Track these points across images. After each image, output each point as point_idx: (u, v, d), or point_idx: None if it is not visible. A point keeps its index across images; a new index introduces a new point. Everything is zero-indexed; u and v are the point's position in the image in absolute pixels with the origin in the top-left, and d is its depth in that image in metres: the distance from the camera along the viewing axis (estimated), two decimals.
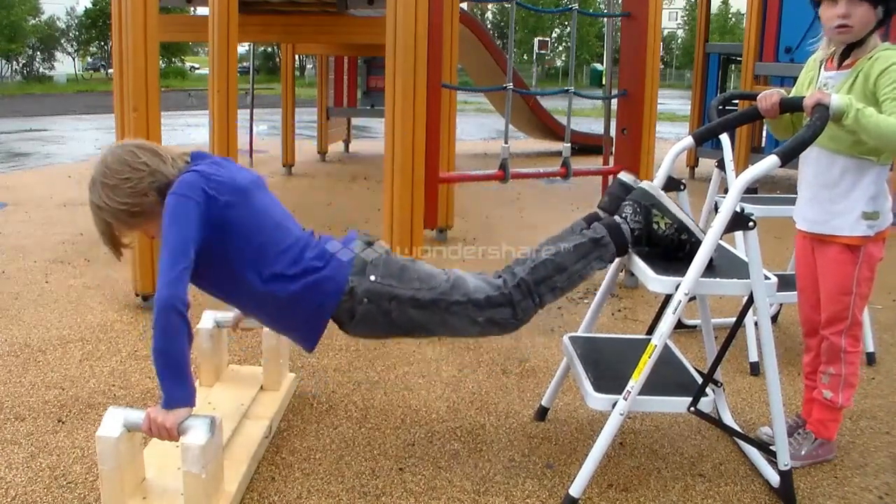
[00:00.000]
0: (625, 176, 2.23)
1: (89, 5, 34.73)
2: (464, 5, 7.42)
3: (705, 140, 2.43)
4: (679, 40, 50.32)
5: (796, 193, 2.30)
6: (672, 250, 2.07)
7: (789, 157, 1.90)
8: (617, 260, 2.34)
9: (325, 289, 1.97)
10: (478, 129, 14.54)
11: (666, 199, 2.09)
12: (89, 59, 37.28)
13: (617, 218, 2.11)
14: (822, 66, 2.17)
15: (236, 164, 2.15)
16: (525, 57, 43.15)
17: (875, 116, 1.90)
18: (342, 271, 1.98)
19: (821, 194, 2.16)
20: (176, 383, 1.78)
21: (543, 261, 2.05)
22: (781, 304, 3.44)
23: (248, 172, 2.11)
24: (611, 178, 4.24)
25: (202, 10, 6.05)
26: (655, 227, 2.06)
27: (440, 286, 2.01)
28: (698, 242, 1.98)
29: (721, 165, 3.25)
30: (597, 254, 2.07)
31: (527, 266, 2.06)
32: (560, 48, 48.14)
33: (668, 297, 2.01)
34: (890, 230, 2.17)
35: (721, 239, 1.96)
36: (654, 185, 2.13)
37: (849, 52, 2.07)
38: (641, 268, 2.02)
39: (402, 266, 2.03)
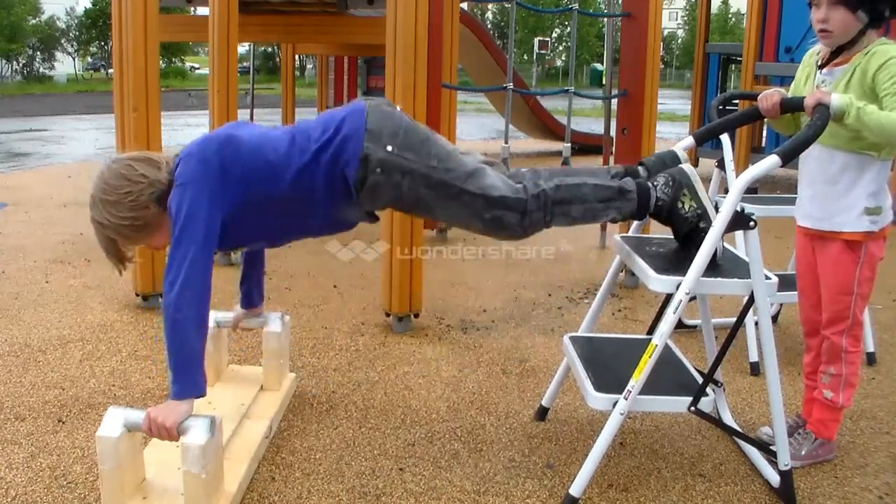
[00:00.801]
0: (681, 153, 2.20)
1: (89, 5, 34.72)
2: (464, 5, 7.42)
3: (706, 140, 2.43)
4: (679, 40, 50.30)
5: (796, 193, 2.30)
6: (685, 233, 2.07)
7: (790, 157, 1.90)
8: (617, 259, 2.35)
9: (343, 159, 1.91)
10: (478, 129, 14.54)
11: (699, 186, 2.08)
12: (89, 59, 37.29)
13: (649, 183, 2.10)
14: (818, 64, 2.17)
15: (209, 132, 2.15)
16: (525, 57, 43.14)
17: (876, 113, 1.90)
18: (357, 137, 1.92)
19: (822, 191, 2.16)
20: (194, 372, 1.79)
21: (569, 185, 2.02)
22: (781, 304, 3.44)
23: (226, 125, 2.12)
24: None
25: (202, 10, 6.05)
26: (680, 205, 2.06)
27: (457, 170, 1.96)
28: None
29: (721, 165, 3.25)
30: (618, 203, 2.06)
31: (553, 182, 2.02)
32: (560, 48, 48.14)
33: (669, 297, 2.01)
34: (890, 228, 2.17)
35: (721, 239, 1.96)
36: (694, 171, 2.12)
37: (838, 52, 2.08)
38: (642, 267, 2.02)
39: (423, 138, 1.97)
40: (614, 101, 4.25)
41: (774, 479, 2.10)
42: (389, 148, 1.91)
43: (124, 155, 2.02)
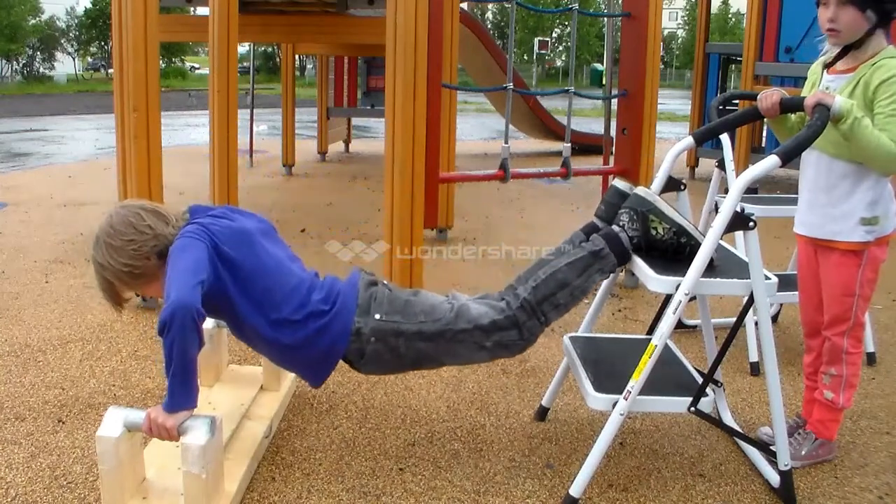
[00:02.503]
0: (619, 183, 2.22)
1: (89, 5, 34.73)
2: (464, 5, 7.42)
3: (705, 140, 2.43)
4: (679, 40, 50.30)
5: (797, 194, 2.30)
6: (672, 254, 2.07)
7: (789, 157, 1.90)
8: None
9: (332, 332, 1.98)
10: (478, 129, 14.54)
11: (662, 204, 2.08)
12: (89, 59, 37.30)
13: (615, 227, 2.11)
14: (825, 70, 2.17)
15: (238, 210, 2.18)
16: (525, 57, 43.15)
17: (869, 129, 1.91)
18: (348, 314, 1.99)
19: (819, 198, 2.15)
20: (184, 388, 1.78)
21: (545, 279, 2.06)
22: (781, 304, 3.44)
23: (251, 218, 2.14)
24: (611, 178, 4.24)
25: (202, 10, 6.05)
26: (654, 232, 2.06)
27: (444, 316, 2.02)
28: (698, 245, 1.98)
29: (721, 165, 3.25)
30: (598, 266, 2.08)
31: (528, 286, 2.06)
32: (560, 48, 48.15)
33: (669, 297, 2.01)
34: (894, 234, 2.16)
35: (721, 239, 1.96)
36: (648, 191, 2.11)
37: (845, 53, 2.07)
38: (642, 268, 2.02)
39: (405, 301, 2.04)
40: (614, 101, 4.24)
41: (774, 479, 2.10)
42: (378, 316, 1.99)
43: (136, 203, 2.06)
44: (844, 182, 2.09)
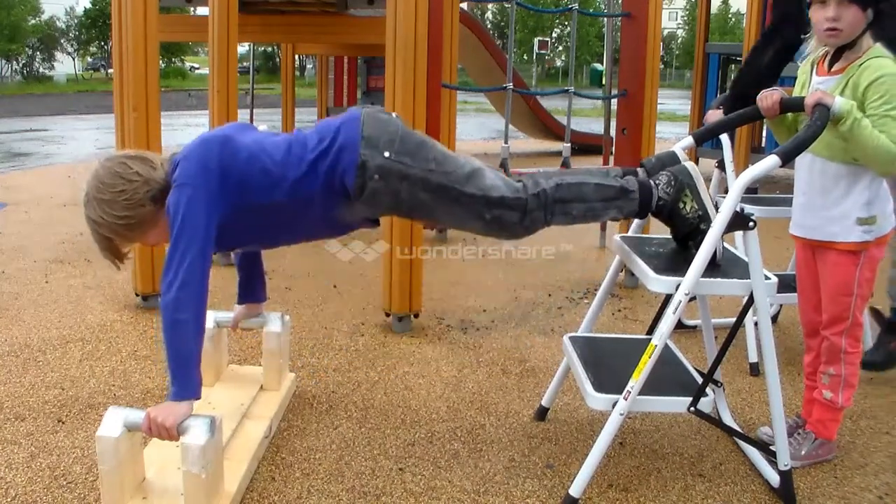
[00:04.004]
0: (680, 151, 2.19)
1: (89, 5, 34.73)
2: (464, 5, 7.42)
3: (705, 140, 2.43)
4: (679, 40, 50.29)
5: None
6: (685, 234, 2.06)
7: (789, 157, 1.90)
8: (617, 259, 2.35)
9: (342, 166, 1.91)
10: (478, 129, 14.54)
11: (702, 187, 2.06)
12: (89, 59, 37.29)
13: (651, 181, 2.09)
14: (814, 71, 2.16)
15: (210, 130, 2.14)
16: (525, 57, 43.14)
17: (869, 129, 1.91)
18: (353, 145, 1.91)
19: (815, 201, 2.15)
20: (192, 374, 1.79)
21: (570, 184, 2.02)
22: (781, 305, 3.44)
23: (226, 125, 2.12)
24: None
25: (202, 10, 6.04)
26: (681, 205, 2.05)
27: (455, 172, 1.96)
28: None
29: (721, 166, 3.25)
30: (619, 202, 2.05)
31: (553, 181, 2.02)
32: (560, 48, 48.13)
33: (669, 297, 2.01)
34: (892, 233, 2.17)
35: (721, 239, 1.96)
36: (697, 170, 2.10)
37: (839, 54, 2.07)
38: (641, 267, 2.02)
39: (419, 142, 1.97)
40: (614, 101, 4.24)
41: (774, 479, 2.10)
42: (387, 154, 1.91)
43: (119, 153, 2.02)
44: (840, 184, 2.09)
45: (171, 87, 26.53)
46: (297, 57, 10.47)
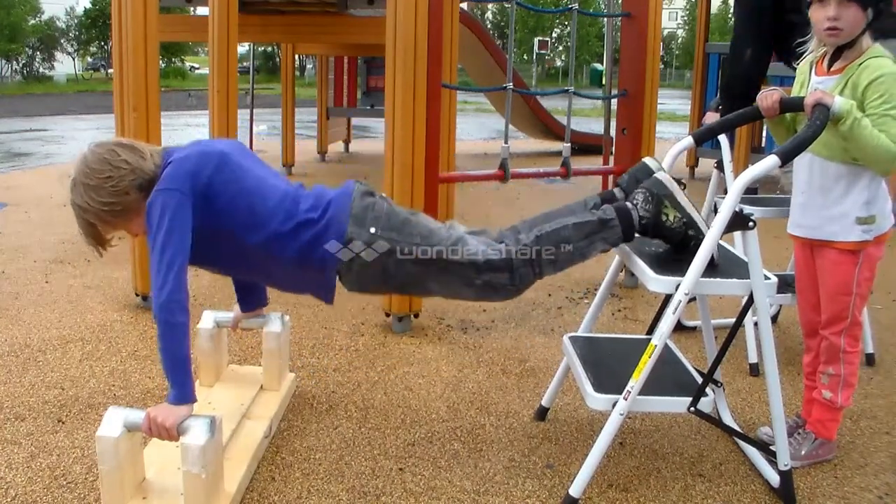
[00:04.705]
0: (650, 160, 2.18)
1: (89, 5, 34.74)
2: (464, 5, 7.42)
3: (705, 140, 2.43)
4: (679, 40, 50.29)
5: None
6: (676, 244, 2.06)
7: (789, 157, 1.90)
8: (616, 260, 2.35)
9: (324, 241, 1.93)
10: (478, 129, 14.54)
11: (679, 193, 2.06)
12: (89, 59, 37.29)
13: (628, 203, 2.09)
14: (813, 70, 2.16)
15: (209, 140, 2.14)
16: (525, 57, 43.14)
17: (869, 129, 1.91)
18: (340, 222, 1.94)
19: (814, 201, 2.15)
20: (186, 379, 1.79)
21: (549, 232, 2.03)
22: (781, 305, 3.44)
23: (225, 140, 2.11)
24: (611, 178, 4.24)
25: (202, 10, 6.05)
26: (664, 218, 2.04)
27: (441, 244, 1.97)
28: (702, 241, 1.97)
29: (719, 166, 3.24)
30: (603, 235, 2.05)
31: (532, 234, 2.03)
32: (560, 48, 48.13)
33: (668, 297, 2.01)
34: (892, 231, 2.17)
35: (721, 239, 1.96)
36: (669, 178, 2.09)
37: (838, 53, 2.07)
38: (641, 268, 2.02)
39: (404, 219, 1.99)
40: (614, 101, 4.24)
41: (774, 479, 2.10)
42: (373, 230, 1.95)
43: (109, 140, 2.02)
44: (839, 183, 2.09)
45: (171, 87, 26.54)
46: (297, 57, 10.47)
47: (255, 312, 2.51)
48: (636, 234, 2.08)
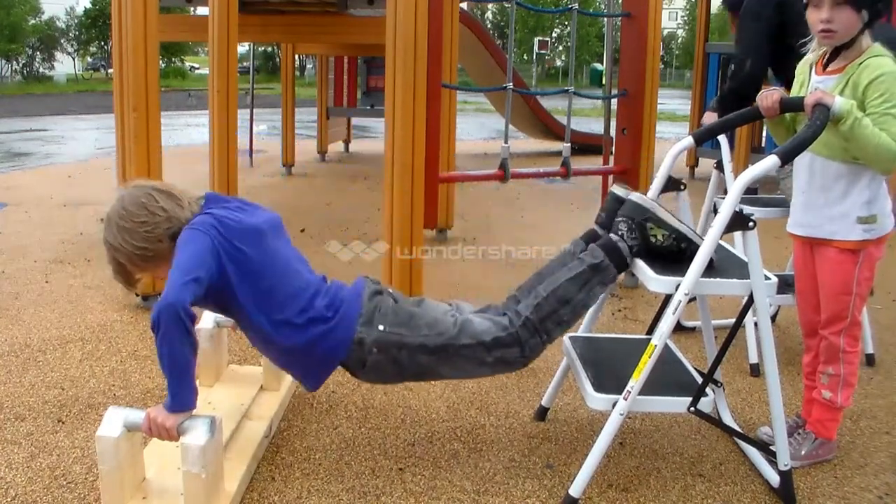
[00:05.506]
0: (617, 189, 2.19)
1: (89, 5, 34.73)
2: (464, 5, 7.42)
3: (705, 140, 2.43)
4: (679, 40, 50.28)
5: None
6: (672, 259, 2.06)
7: (789, 157, 1.90)
8: None
9: (333, 340, 1.97)
10: (478, 129, 14.54)
11: (659, 210, 2.05)
12: (89, 59, 37.29)
13: (613, 237, 2.09)
14: (813, 70, 2.16)
15: (252, 205, 2.14)
16: (525, 57, 43.15)
17: (870, 129, 1.91)
18: (351, 322, 1.98)
19: (816, 200, 2.15)
20: (183, 387, 1.78)
21: (546, 297, 2.05)
22: (780, 305, 3.44)
23: (264, 213, 2.12)
24: (611, 178, 4.24)
25: (202, 10, 6.04)
26: (653, 239, 2.04)
27: (448, 331, 2.01)
28: (698, 248, 1.97)
29: (719, 167, 3.24)
30: (598, 279, 2.06)
31: (530, 303, 2.05)
32: (560, 48, 48.13)
33: (668, 297, 2.01)
34: (893, 232, 2.16)
35: (721, 239, 1.96)
36: (644, 197, 2.09)
37: (837, 53, 2.07)
38: (641, 268, 2.02)
39: (410, 314, 2.03)
40: (614, 101, 4.24)
41: (774, 479, 2.10)
42: (381, 327, 1.98)
43: (147, 183, 2.02)
44: (840, 183, 2.09)
45: (171, 87, 26.54)
46: (297, 57, 10.46)
47: None
48: (630, 263, 2.08)
